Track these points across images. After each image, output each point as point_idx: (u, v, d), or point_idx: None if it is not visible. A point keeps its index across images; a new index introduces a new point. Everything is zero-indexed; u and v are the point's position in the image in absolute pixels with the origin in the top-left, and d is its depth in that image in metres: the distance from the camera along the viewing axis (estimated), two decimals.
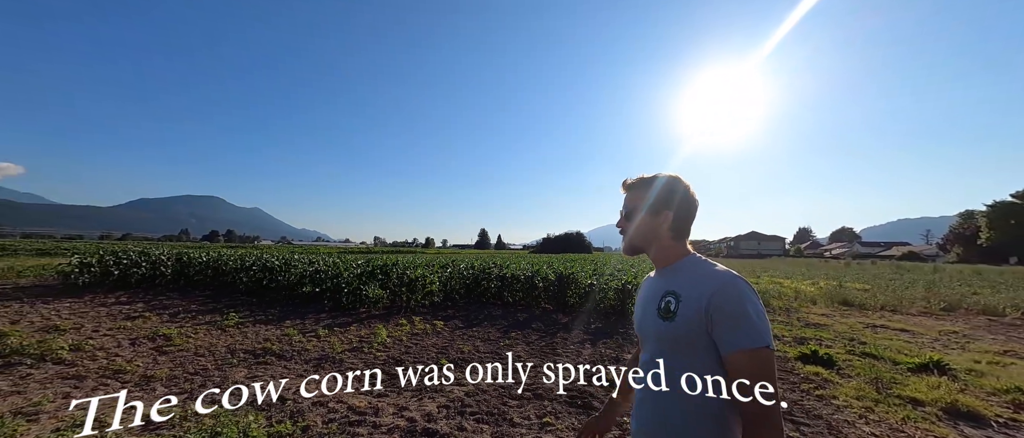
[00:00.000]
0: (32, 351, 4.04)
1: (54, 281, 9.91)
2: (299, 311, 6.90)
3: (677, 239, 1.00)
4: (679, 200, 0.98)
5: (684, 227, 1.00)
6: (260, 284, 8.94)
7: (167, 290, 8.98)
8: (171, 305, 7.23)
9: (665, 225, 0.98)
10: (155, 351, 4.37)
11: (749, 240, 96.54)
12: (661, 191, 0.99)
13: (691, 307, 0.86)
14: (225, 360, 4.13)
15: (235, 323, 5.76)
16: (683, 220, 0.99)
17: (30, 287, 9.00)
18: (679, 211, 0.98)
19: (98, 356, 4.13)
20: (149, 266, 9.82)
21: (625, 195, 1.06)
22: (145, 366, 3.87)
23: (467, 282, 8.66)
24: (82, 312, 6.38)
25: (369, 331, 5.57)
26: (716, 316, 0.82)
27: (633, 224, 1.03)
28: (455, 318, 6.75)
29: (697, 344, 0.86)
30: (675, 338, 0.88)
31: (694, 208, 1.01)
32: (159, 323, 5.69)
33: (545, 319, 6.86)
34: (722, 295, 0.82)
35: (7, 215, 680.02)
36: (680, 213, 0.98)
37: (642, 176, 1.04)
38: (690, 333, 0.86)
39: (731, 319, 0.80)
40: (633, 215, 1.02)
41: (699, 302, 0.85)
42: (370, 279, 7.93)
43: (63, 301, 7.32)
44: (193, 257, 10.73)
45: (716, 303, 0.82)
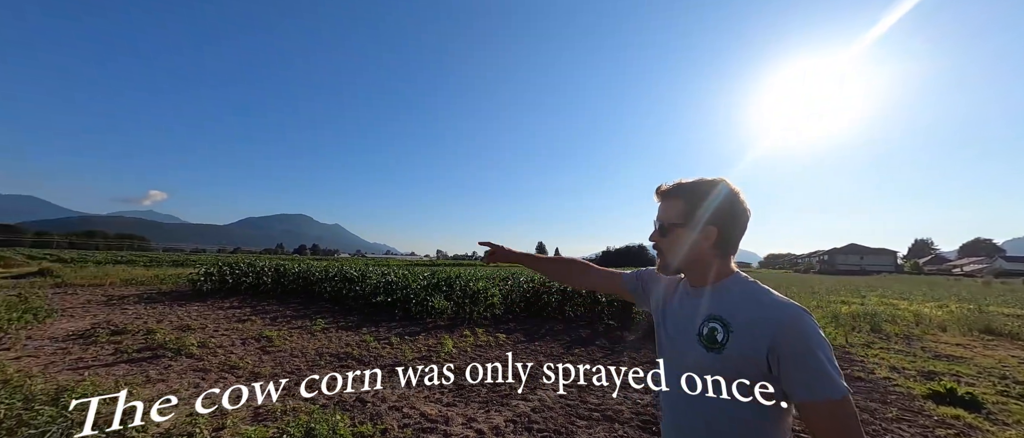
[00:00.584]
0: (172, 345, 4.88)
1: (186, 288, 11.91)
2: (373, 319, 7.45)
3: (722, 257, 0.86)
4: (727, 212, 0.83)
5: (732, 243, 0.85)
6: (340, 293, 9.84)
7: (268, 297, 10.29)
8: (271, 310, 8.26)
9: (709, 241, 0.83)
10: (260, 350, 5.01)
11: (848, 254, 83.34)
12: (705, 201, 0.83)
13: (746, 342, 0.75)
14: (314, 362, 4.60)
15: (321, 328, 6.40)
16: (731, 235, 0.84)
17: (169, 292, 10.93)
18: (727, 225, 0.83)
19: (218, 352, 4.84)
20: (255, 276, 11.37)
21: (659, 204, 0.91)
22: (253, 363, 4.45)
23: (527, 296, 8.66)
24: (206, 314, 7.57)
25: (436, 341, 5.81)
26: (785, 360, 0.71)
27: (671, 240, 0.88)
28: (517, 331, 6.77)
29: (748, 382, 0.76)
30: (721, 371, 0.78)
31: (745, 221, 0.85)
32: (262, 326, 6.53)
33: (609, 336, 6.57)
34: (792, 335, 0.71)
35: (153, 233, 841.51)
36: (728, 228, 0.83)
37: (680, 182, 0.88)
38: (741, 370, 0.76)
39: (805, 365, 0.70)
40: (670, 230, 0.87)
41: (758, 338, 0.74)
42: (435, 291, 8.32)
43: (192, 304, 8.77)
44: (288, 268, 12.20)
45: (785, 344, 0.71)
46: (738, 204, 0.84)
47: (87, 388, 3.22)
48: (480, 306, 7.71)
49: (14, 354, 4.45)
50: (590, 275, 1.24)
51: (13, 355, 4.40)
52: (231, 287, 10.87)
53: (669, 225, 0.87)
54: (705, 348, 0.80)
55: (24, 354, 4.48)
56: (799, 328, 0.71)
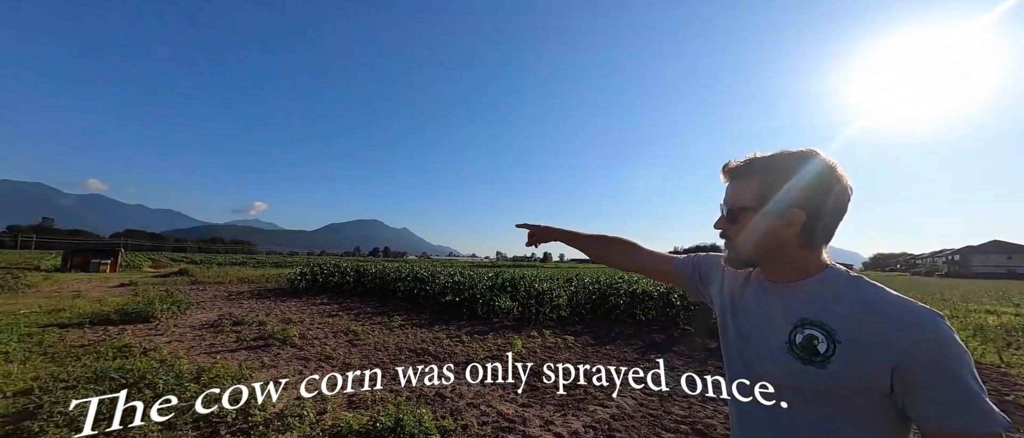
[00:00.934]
0: (279, 336, 5.56)
1: (285, 286, 13.60)
2: (443, 317, 7.79)
3: (811, 247, 0.68)
4: (818, 192, 0.65)
5: (825, 230, 0.67)
6: (412, 292, 10.47)
7: (351, 295, 11.32)
8: (354, 307, 9.07)
9: (793, 228, 0.66)
10: (349, 343, 5.50)
11: (989, 253, 67.81)
12: (788, 179, 0.66)
13: (861, 356, 0.58)
14: (395, 356, 4.92)
15: (398, 324, 6.85)
16: (824, 221, 0.66)
17: (273, 290, 12.57)
18: (817, 208, 0.65)
19: (314, 344, 5.41)
20: (340, 276, 12.60)
21: (727, 184, 0.75)
22: (344, 355, 4.90)
23: (593, 297, 8.40)
24: (302, 309, 8.55)
25: (504, 340, 5.88)
26: (919, 381, 0.54)
27: (741, 227, 0.72)
28: (585, 334, 6.58)
29: (862, 407, 0.59)
30: (824, 392, 0.61)
31: (844, 202, 0.67)
32: (348, 321, 7.18)
33: (687, 343, 6.08)
34: (928, 348, 0.54)
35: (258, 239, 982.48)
36: (819, 211, 0.65)
37: (753, 156, 0.71)
38: (854, 391, 0.59)
39: (948, 388, 0.53)
40: (740, 215, 0.71)
41: (879, 352, 0.57)
42: (500, 291, 8.45)
43: (291, 300, 9.97)
44: (366, 269, 13.33)
45: (918, 361, 0.54)
46: (834, 182, 0.65)
47: (219, 369, 3.80)
48: (546, 307, 7.65)
49: (166, 339, 5.41)
50: (634, 255, 1.09)
51: (166, 340, 5.36)
52: (321, 285, 12.17)
53: (739, 209, 0.71)
54: (800, 360, 0.63)
55: (173, 339, 5.43)
56: (937, 339, 0.54)
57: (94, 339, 5.21)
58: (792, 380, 0.64)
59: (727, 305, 0.82)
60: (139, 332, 5.73)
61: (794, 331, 0.65)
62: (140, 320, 6.39)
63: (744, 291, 0.79)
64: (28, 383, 3.41)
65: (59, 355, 4.37)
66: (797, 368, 0.63)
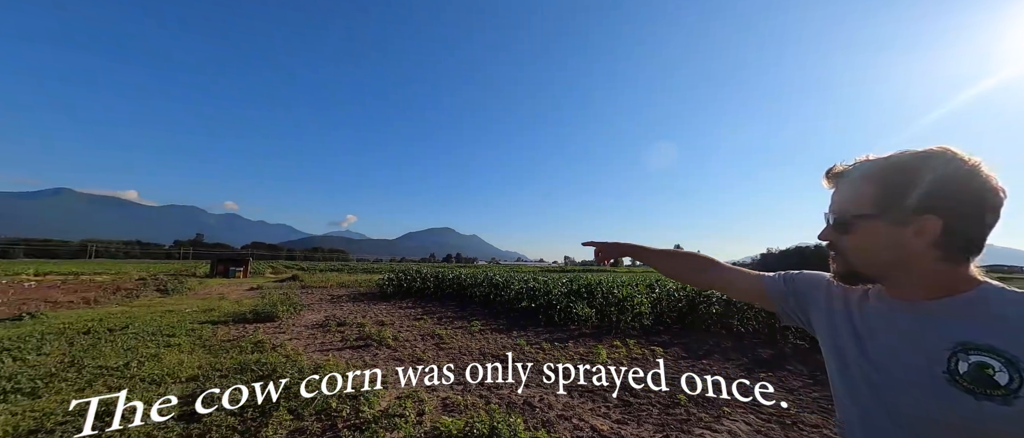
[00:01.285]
0: (375, 337, 6.08)
1: (375, 290, 14.97)
2: (519, 323, 7.81)
3: (953, 260, 0.57)
4: (958, 194, 0.54)
5: (971, 240, 0.56)
6: (488, 298, 10.75)
7: (431, 299, 12.02)
8: (436, 311, 9.58)
9: (927, 238, 0.56)
10: (436, 346, 5.79)
11: None
12: (914, 181, 0.56)
13: None
14: (479, 361, 5.03)
15: (478, 329, 7.04)
16: (967, 229, 0.55)
17: (366, 294, 13.91)
18: (958, 214, 0.55)
19: (406, 345, 5.80)
20: (421, 281, 13.49)
21: (833, 191, 0.67)
22: (433, 357, 5.16)
23: (679, 305, 7.74)
24: (392, 312, 9.29)
25: (586, 349, 5.67)
26: None
27: (856, 238, 0.62)
28: (674, 345, 6.06)
29: None
30: (1012, 431, 0.49)
31: (995, 205, 0.54)
32: (433, 324, 7.59)
33: (802, 360, 5.24)
34: None
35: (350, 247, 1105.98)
36: (959, 217, 0.55)
37: (866, 157, 0.63)
38: None
39: None
40: (853, 224, 0.62)
41: None
42: (577, 297, 8.22)
43: (381, 304, 10.90)
44: (444, 275, 14.06)
45: None
46: (979, 182, 0.54)
47: (331, 366, 4.24)
48: (627, 315, 7.24)
49: (288, 337, 6.26)
50: (713, 273, 0.98)
51: (287, 337, 6.20)
52: (405, 290, 13.13)
53: (852, 218, 0.62)
54: (970, 394, 0.52)
55: (292, 337, 6.26)
56: None
57: (236, 335, 6.23)
58: (960, 419, 0.53)
59: (843, 328, 0.69)
60: (268, 330, 6.72)
61: (954, 358, 0.54)
62: (268, 320, 7.51)
63: (865, 311, 0.66)
64: (194, 371, 4.17)
65: (213, 348, 5.30)
66: (968, 404, 0.52)
